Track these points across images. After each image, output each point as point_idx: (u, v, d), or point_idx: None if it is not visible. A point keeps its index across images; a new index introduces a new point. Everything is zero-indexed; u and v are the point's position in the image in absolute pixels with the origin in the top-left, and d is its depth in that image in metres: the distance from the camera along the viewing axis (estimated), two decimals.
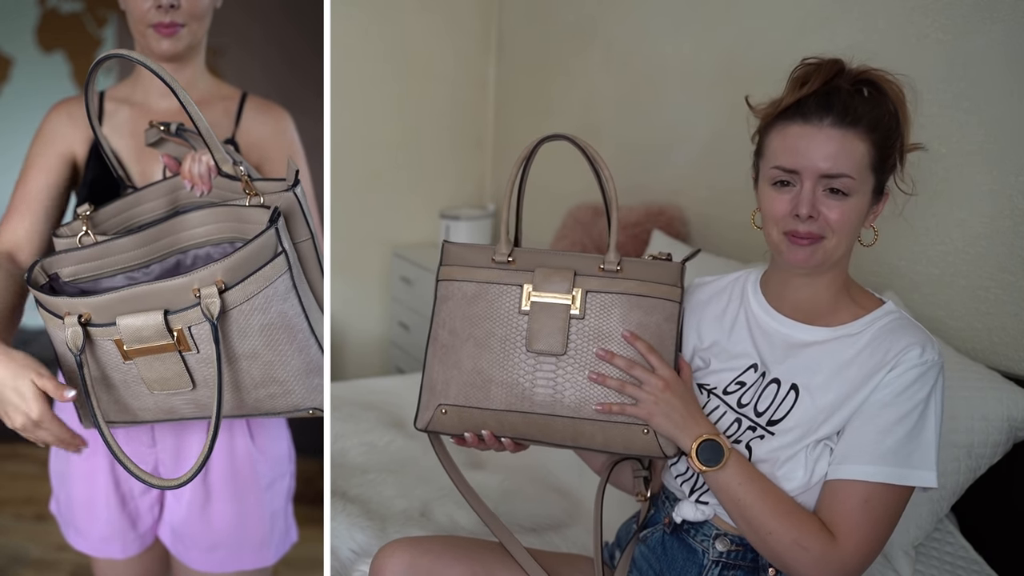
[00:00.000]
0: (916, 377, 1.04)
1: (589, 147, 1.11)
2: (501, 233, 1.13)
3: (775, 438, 1.08)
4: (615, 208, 1.13)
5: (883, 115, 1.07)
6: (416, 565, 1.18)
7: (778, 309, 1.15)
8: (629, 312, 1.09)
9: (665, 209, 2.35)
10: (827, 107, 1.05)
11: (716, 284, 1.23)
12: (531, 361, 1.09)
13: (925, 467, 1.04)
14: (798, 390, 1.10)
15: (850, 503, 1.03)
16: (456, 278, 1.13)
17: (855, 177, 1.05)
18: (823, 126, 1.05)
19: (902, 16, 1.75)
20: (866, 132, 1.05)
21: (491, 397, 1.09)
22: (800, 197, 1.06)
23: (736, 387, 1.14)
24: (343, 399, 2.22)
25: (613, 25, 2.67)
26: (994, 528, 1.53)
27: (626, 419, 1.08)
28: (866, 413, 1.05)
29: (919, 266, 1.74)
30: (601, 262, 1.11)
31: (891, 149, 1.08)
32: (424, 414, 1.12)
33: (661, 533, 1.19)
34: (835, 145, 1.04)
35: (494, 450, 1.12)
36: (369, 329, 3.40)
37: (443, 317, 1.13)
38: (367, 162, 3.26)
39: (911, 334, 1.07)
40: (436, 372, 1.12)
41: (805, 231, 1.06)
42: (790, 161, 1.06)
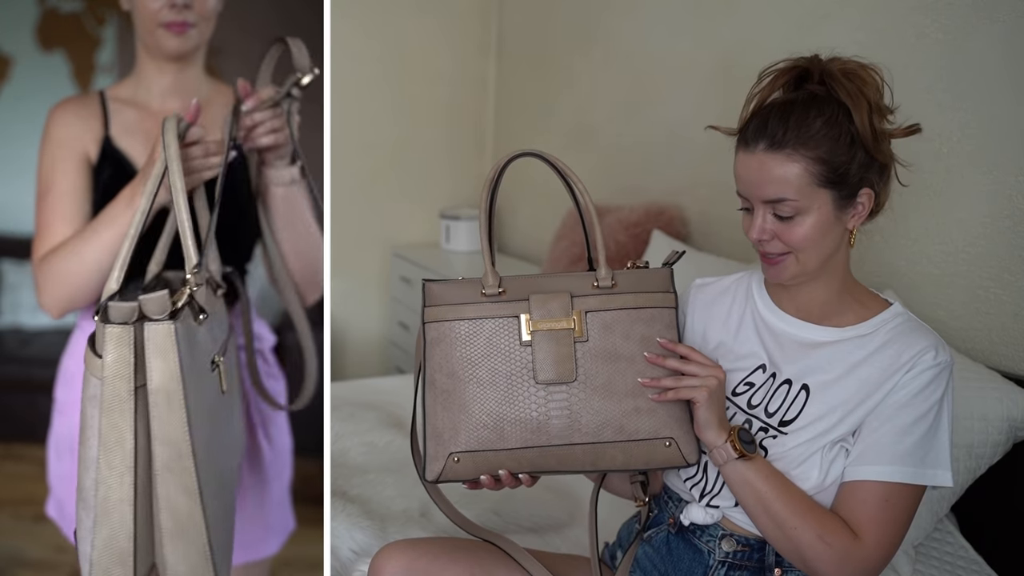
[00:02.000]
0: (931, 378, 1.05)
1: (559, 162, 1.10)
2: (484, 262, 1.08)
3: (788, 438, 1.08)
4: (595, 222, 1.10)
5: (826, 124, 1.03)
6: (414, 567, 1.18)
7: (783, 309, 1.15)
8: (631, 326, 1.08)
9: (665, 209, 2.35)
10: (761, 131, 1.05)
11: (718, 285, 1.23)
12: (541, 393, 1.05)
13: (941, 466, 1.05)
14: (809, 390, 1.09)
15: (871, 502, 1.04)
16: (446, 318, 1.07)
17: (798, 198, 1.04)
18: (757, 152, 1.05)
19: (901, 15, 1.75)
20: (803, 150, 1.03)
21: (505, 437, 1.05)
22: (754, 224, 1.07)
23: (745, 388, 1.14)
24: (343, 399, 2.22)
25: (613, 25, 2.67)
26: (994, 528, 1.53)
27: (647, 436, 1.06)
28: (883, 414, 1.05)
29: (919, 266, 1.74)
30: (594, 280, 1.09)
31: (846, 156, 1.04)
32: (434, 465, 1.05)
33: (666, 534, 1.19)
34: (767, 171, 1.04)
35: (510, 488, 1.08)
36: (369, 329, 3.40)
37: (438, 361, 1.07)
38: (367, 162, 3.26)
39: (924, 336, 1.07)
40: (441, 419, 1.05)
41: (767, 252, 1.08)
42: (741, 188, 1.09)
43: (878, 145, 1.05)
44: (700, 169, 2.32)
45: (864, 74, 1.05)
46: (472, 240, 3.19)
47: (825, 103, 1.04)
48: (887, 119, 1.07)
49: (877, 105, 1.05)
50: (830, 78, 1.05)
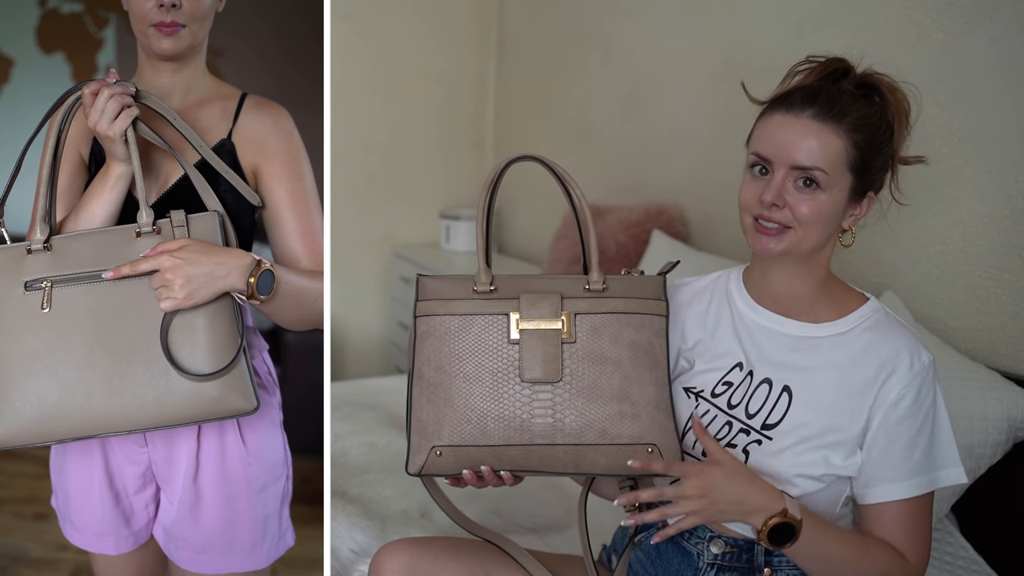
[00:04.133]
0: (920, 385, 1.06)
1: (557, 167, 1.10)
2: (478, 260, 1.10)
3: (773, 443, 1.08)
4: (590, 227, 1.10)
5: (874, 118, 1.06)
6: (414, 565, 1.18)
7: (759, 302, 1.15)
8: (620, 331, 1.08)
9: (665, 209, 2.35)
10: (812, 99, 1.05)
11: (697, 284, 1.23)
12: (526, 391, 1.06)
13: (951, 464, 1.08)
14: (791, 392, 1.10)
15: (901, 520, 1.07)
16: (436, 312, 1.08)
17: (828, 172, 1.04)
18: (803, 117, 1.05)
19: (902, 15, 1.75)
20: (849, 130, 1.05)
21: (488, 433, 1.05)
22: (769, 185, 1.06)
23: (723, 388, 1.14)
24: (343, 399, 2.22)
25: (613, 25, 2.67)
26: (994, 528, 1.53)
27: (629, 440, 1.06)
28: (887, 434, 1.06)
29: (919, 266, 1.74)
30: (586, 283, 1.09)
31: (876, 154, 1.06)
32: (416, 458, 1.07)
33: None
34: (811, 137, 1.04)
35: (492, 486, 1.09)
36: (369, 329, 3.40)
37: (426, 354, 1.08)
38: (367, 162, 3.27)
39: (900, 335, 1.08)
40: (426, 412, 1.07)
41: (771, 219, 1.07)
42: (766, 149, 1.07)
43: (895, 161, 1.09)
44: (700, 169, 2.32)
45: (904, 96, 1.09)
46: (472, 240, 3.19)
47: (871, 101, 1.07)
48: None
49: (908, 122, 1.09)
50: (878, 85, 1.08)
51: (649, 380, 1.07)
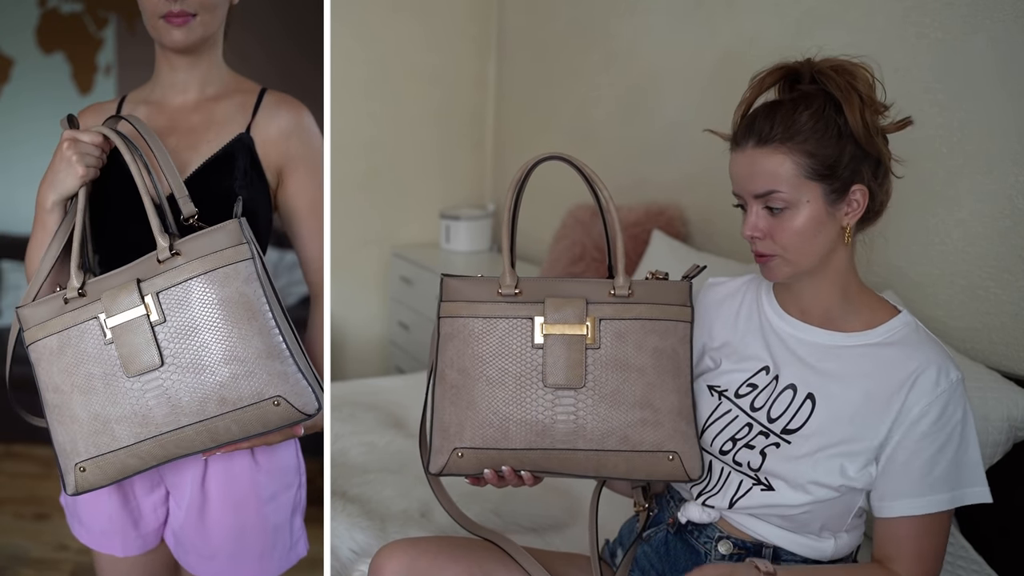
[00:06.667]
0: (946, 402, 1.05)
1: (586, 167, 1.09)
2: (504, 263, 1.09)
3: (791, 447, 1.08)
4: (617, 230, 1.09)
5: (817, 119, 1.04)
6: (414, 566, 1.18)
7: (788, 311, 1.15)
8: (645, 338, 1.07)
9: (665, 209, 2.35)
10: (749, 130, 1.07)
11: (730, 285, 1.23)
12: (549, 396, 1.05)
13: (977, 483, 1.07)
14: (815, 400, 1.09)
15: (915, 536, 1.06)
16: (461, 314, 1.08)
17: (785, 191, 1.05)
18: (747, 149, 1.07)
19: (901, 15, 1.75)
20: (793, 143, 1.04)
21: (510, 437, 1.06)
22: (747, 221, 1.09)
23: (748, 389, 1.14)
24: (343, 399, 2.22)
25: (613, 25, 2.67)
26: (994, 528, 1.53)
27: (651, 448, 1.06)
28: (907, 449, 1.05)
29: (919, 266, 1.74)
30: (611, 287, 1.09)
31: (837, 149, 1.05)
32: (438, 458, 1.07)
33: (664, 533, 1.19)
34: (757, 164, 1.06)
35: (512, 486, 1.10)
36: (369, 329, 3.40)
37: (450, 356, 1.08)
38: (367, 162, 3.27)
39: (929, 350, 1.07)
40: (448, 414, 1.07)
41: (759, 251, 1.09)
42: (735, 187, 1.11)
43: (871, 139, 1.05)
44: (700, 169, 2.32)
45: (853, 69, 1.06)
46: (472, 240, 3.19)
47: (813, 99, 1.05)
48: (881, 114, 1.07)
49: (869, 99, 1.05)
50: (820, 75, 1.06)
51: (672, 387, 1.07)
